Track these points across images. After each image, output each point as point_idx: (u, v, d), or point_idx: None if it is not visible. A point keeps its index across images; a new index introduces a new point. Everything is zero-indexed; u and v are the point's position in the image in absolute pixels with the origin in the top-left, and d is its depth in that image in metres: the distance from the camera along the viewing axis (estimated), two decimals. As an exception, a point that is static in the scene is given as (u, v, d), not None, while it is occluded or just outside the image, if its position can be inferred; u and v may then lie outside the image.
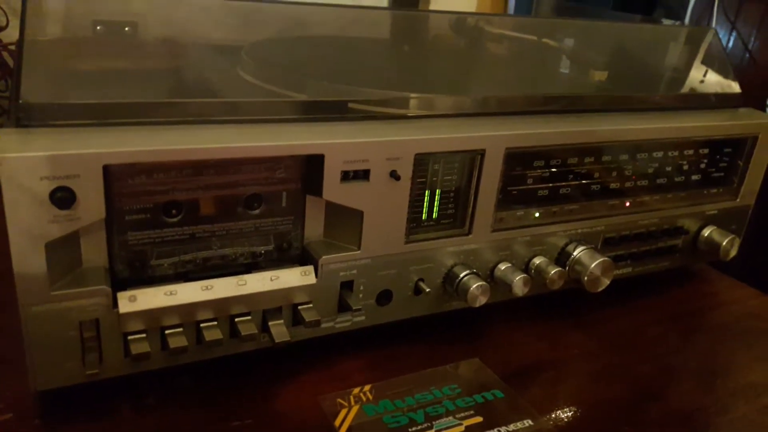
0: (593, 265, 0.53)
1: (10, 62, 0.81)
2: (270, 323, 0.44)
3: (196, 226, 0.41)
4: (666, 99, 0.62)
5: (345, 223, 0.45)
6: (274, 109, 0.44)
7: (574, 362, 0.52)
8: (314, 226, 0.46)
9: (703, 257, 0.66)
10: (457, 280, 0.50)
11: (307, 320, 0.44)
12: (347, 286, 0.47)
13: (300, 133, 0.42)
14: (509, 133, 0.48)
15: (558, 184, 0.53)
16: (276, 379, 0.46)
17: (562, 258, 0.55)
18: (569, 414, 0.46)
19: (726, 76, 0.68)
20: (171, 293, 0.40)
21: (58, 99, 0.38)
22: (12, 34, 0.80)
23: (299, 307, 0.44)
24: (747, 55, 1.33)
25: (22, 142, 0.35)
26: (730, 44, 1.33)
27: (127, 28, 0.52)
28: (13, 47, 0.79)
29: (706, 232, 0.63)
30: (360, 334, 0.49)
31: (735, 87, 0.66)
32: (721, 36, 1.29)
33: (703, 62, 0.70)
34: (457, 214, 0.50)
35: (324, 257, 0.45)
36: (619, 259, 0.59)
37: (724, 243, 0.62)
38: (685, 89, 0.68)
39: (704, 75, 0.68)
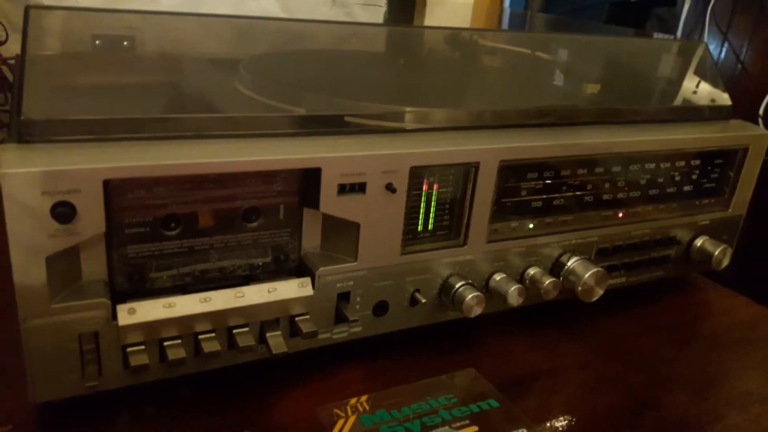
0: (587, 275, 0.54)
1: (10, 76, 0.82)
2: (267, 334, 0.44)
3: (195, 239, 0.42)
4: (658, 111, 0.63)
5: (342, 235, 0.46)
6: (272, 124, 0.45)
7: (569, 372, 0.53)
8: (311, 238, 0.46)
9: (696, 267, 0.66)
10: (453, 291, 0.50)
11: (304, 331, 0.44)
12: (344, 297, 0.47)
13: (297, 147, 0.43)
14: (503, 146, 0.49)
15: (552, 195, 0.54)
16: (273, 389, 0.46)
17: (556, 268, 0.56)
18: (564, 423, 0.46)
19: (717, 89, 0.68)
20: (170, 305, 0.40)
21: (59, 115, 0.39)
22: (11, 49, 0.80)
23: (296, 319, 0.45)
24: (739, 66, 1.34)
25: (24, 157, 0.36)
26: (722, 55, 1.35)
27: (125, 42, 0.53)
28: (12, 62, 0.80)
29: (698, 242, 0.64)
30: (357, 344, 0.49)
31: (726, 99, 0.67)
32: (713, 47, 1.31)
33: (694, 75, 0.71)
34: (452, 226, 0.50)
35: (321, 269, 0.45)
36: (612, 269, 0.59)
37: (717, 253, 0.63)
38: (676, 102, 0.69)
39: (696, 88, 0.69)
